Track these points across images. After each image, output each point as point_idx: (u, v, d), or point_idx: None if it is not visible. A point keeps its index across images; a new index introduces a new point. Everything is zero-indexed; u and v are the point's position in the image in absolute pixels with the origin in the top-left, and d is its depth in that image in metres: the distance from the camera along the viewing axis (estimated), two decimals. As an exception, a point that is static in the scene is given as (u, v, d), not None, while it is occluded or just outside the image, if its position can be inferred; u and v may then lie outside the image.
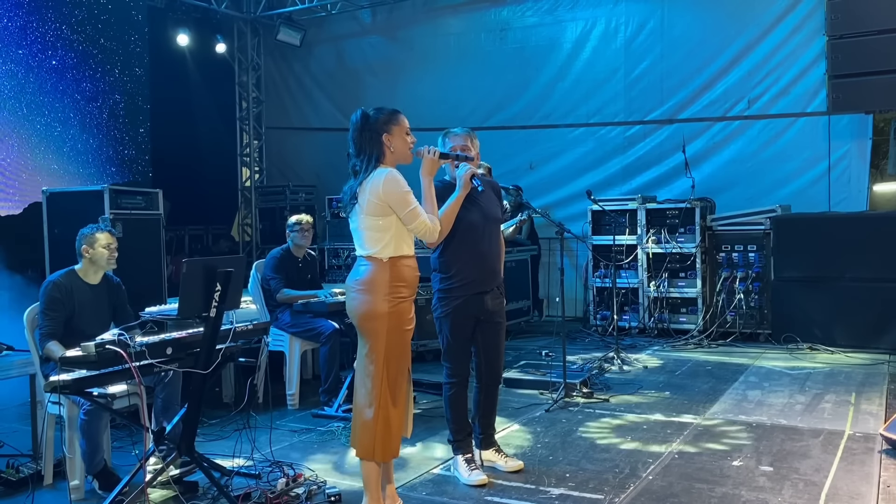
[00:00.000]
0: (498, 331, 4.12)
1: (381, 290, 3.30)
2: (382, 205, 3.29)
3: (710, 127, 8.92)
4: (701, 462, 4.19)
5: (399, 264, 3.34)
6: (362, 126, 3.38)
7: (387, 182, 3.29)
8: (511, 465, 4.15)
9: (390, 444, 3.37)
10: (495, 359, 4.14)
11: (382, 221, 3.31)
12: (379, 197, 3.28)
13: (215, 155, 11.07)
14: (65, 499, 3.67)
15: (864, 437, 4.52)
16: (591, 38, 9.50)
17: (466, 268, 3.96)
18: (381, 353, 3.32)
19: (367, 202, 3.30)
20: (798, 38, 8.43)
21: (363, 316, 3.34)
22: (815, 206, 8.01)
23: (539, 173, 9.69)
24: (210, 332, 3.70)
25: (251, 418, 4.55)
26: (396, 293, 3.32)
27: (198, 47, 10.57)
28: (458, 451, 4.07)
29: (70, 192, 6.69)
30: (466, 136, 4.04)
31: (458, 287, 3.96)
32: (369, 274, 3.32)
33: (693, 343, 7.70)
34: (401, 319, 3.35)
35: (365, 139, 3.37)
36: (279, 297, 5.64)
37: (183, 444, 3.76)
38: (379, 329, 3.31)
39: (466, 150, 3.97)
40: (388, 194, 3.28)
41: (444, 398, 4.09)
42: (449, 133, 4.08)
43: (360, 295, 3.33)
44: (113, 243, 4.23)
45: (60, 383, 3.36)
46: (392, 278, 3.32)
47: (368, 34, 10.97)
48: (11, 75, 7.86)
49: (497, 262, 4.15)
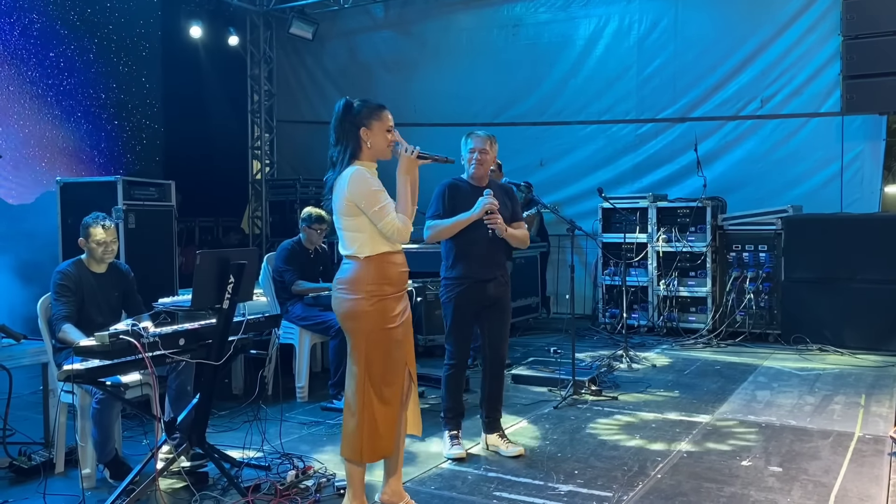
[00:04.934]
0: (502, 317, 4.34)
1: (361, 288, 3.25)
2: (351, 205, 3.23)
3: (722, 126, 8.88)
4: (710, 461, 4.19)
5: (381, 261, 3.28)
6: (343, 116, 3.35)
7: (353, 181, 3.23)
8: (512, 449, 4.31)
9: (379, 444, 3.31)
10: (499, 344, 4.35)
11: (355, 221, 3.26)
12: (346, 197, 3.23)
13: (226, 147, 11.09)
14: (76, 487, 3.70)
15: (873, 440, 4.51)
16: (603, 36, 9.47)
17: (469, 260, 4.20)
18: (363, 351, 3.28)
19: (337, 202, 3.27)
20: (812, 38, 8.38)
21: (344, 315, 3.32)
22: (826, 207, 7.97)
23: (549, 170, 9.67)
24: (223, 323, 3.72)
25: (261, 410, 4.58)
26: (377, 291, 3.27)
27: (210, 40, 10.59)
28: (447, 427, 4.35)
29: (83, 183, 6.71)
30: (486, 140, 4.30)
31: (461, 276, 4.23)
32: (350, 273, 3.29)
33: (702, 342, 7.68)
34: (383, 317, 3.29)
35: (343, 130, 3.34)
36: (294, 288, 5.66)
37: (194, 435, 3.79)
38: (360, 328, 3.28)
39: (484, 152, 4.27)
40: (353, 194, 3.22)
41: (443, 378, 4.35)
42: (472, 135, 4.32)
43: (340, 294, 3.30)
44: (107, 240, 4.17)
45: (74, 372, 3.39)
46: (373, 277, 3.26)
47: (381, 29, 10.96)
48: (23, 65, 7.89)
49: (500, 254, 4.32)
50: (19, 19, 7.82)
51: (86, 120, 8.41)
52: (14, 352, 4.24)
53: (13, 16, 7.75)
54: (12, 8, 7.74)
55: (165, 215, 6.62)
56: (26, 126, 7.86)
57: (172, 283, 6.43)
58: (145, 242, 6.33)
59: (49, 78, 8.10)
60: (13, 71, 7.78)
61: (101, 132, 8.56)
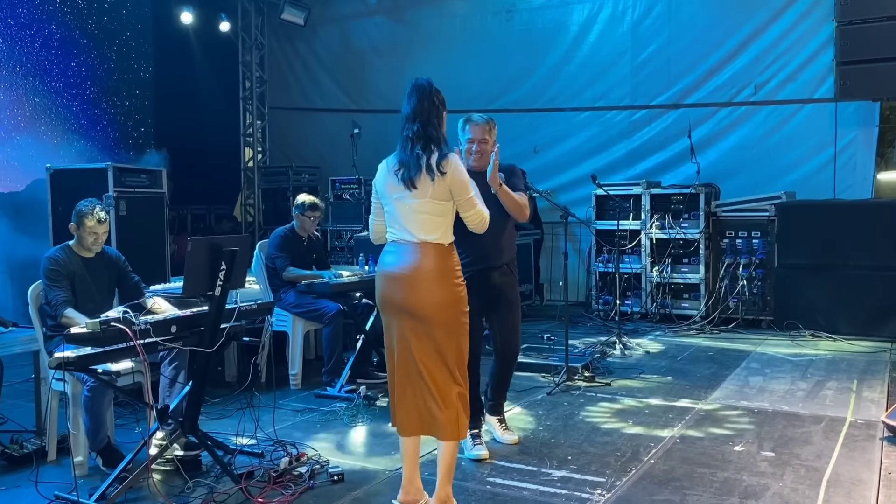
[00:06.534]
0: (510, 307, 4.21)
1: (456, 273, 3.32)
2: (446, 190, 3.25)
3: (716, 112, 8.87)
4: (703, 447, 4.20)
5: (454, 248, 3.36)
6: (431, 95, 3.31)
7: (454, 166, 3.25)
8: (507, 437, 4.29)
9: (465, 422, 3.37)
10: (510, 335, 4.25)
11: (444, 206, 3.27)
12: (446, 180, 3.23)
13: (218, 134, 11.01)
14: (68, 475, 3.68)
15: (865, 424, 4.53)
16: (598, 21, 9.42)
17: (470, 246, 3.98)
18: (465, 335, 3.33)
19: (432, 185, 3.22)
20: (806, 24, 8.36)
21: (447, 302, 3.27)
22: (820, 194, 7.97)
23: (543, 157, 9.64)
24: (215, 311, 3.70)
25: (254, 397, 4.56)
26: (461, 276, 3.34)
27: (202, 26, 10.49)
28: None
29: (74, 170, 6.65)
30: (485, 128, 4.08)
31: (463, 265, 3.98)
32: (442, 260, 3.27)
33: (695, 329, 7.70)
34: (466, 301, 3.36)
35: (434, 110, 3.30)
36: (285, 275, 5.63)
37: (186, 422, 3.77)
38: (462, 312, 3.32)
39: (483, 142, 4.05)
40: (453, 179, 3.25)
41: None
42: (470, 121, 4.10)
43: (436, 281, 3.25)
44: (98, 230, 4.14)
45: (65, 360, 3.36)
46: (457, 262, 3.34)
47: (374, 14, 10.88)
48: (13, 53, 7.81)
49: (502, 238, 4.15)
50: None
51: (76, 106, 8.34)
52: (4, 340, 4.21)
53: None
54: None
55: (157, 202, 6.58)
56: (17, 113, 7.79)
57: (164, 271, 6.41)
58: (136, 230, 6.29)
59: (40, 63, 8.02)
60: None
61: (91, 119, 8.49)
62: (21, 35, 7.92)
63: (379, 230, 3.46)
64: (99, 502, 3.46)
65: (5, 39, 7.74)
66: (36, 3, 8.03)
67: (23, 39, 7.94)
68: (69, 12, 8.27)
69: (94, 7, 8.52)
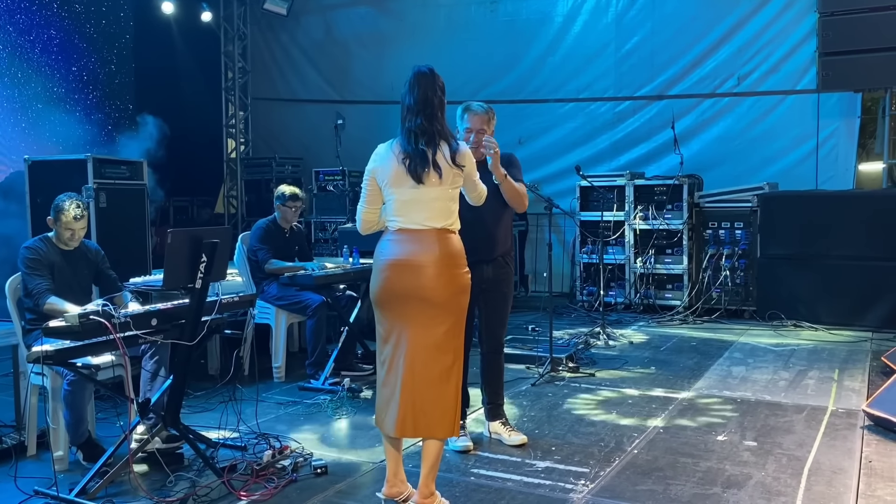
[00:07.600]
0: (501, 299, 4.15)
1: (466, 260, 3.32)
2: (460, 178, 3.29)
3: (699, 104, 8.88)
4: (686, 437, 4.22)
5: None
6: (435, 86, 3.24)
7: (469, 157, 3.32)
8: (515, 438, 4.16)
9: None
10: (496, 326, 4.18)
11: (455, 192, 3.30)
12: (465, 168, 3.28)
13: (200, 125, 10.88)
14: (48, 470, 3.64)
15: (846, 413, 4.57)
16: (582, 12, 9.39)
17: (466, 237, 3.83)
18: (466, 323, 3.36)
19: (445, 175, 3.20)
20: (789, 15, 8.37)
21: (462, 290, 3.27)
22: (802, 184, 8.02)
23: (528, 148, 9.60)
24: (195, 303, 3.67)
25: (237, 391, 4.54)
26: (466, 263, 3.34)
27: (183, 16, 10.35)
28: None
29: (53, 161, 6.55)
30: (484, 118, 3.94)
31: None
32: (459, 246, 3.28)
33: (678, 319, 7.74)
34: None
35: (437, 100, 3.23)
36: (267, 267, 5.60)
37: (168, 416, 3.74)
38: (467, 300, 3.32)
39: (482, 132, 3.90)
40: (469, 171, 3.33)
41: None
42: (469, 110, 3.96)
43: (457, 269, 3.25)
44: (75, 227, 4.09)
45: (43, 354, 3.32)
46: (462, 249, 3.33)
47: (357, 5, 10.79)
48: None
49: (497, 229, 4.09)
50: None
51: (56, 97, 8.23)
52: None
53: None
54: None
55: (137, 194, 6.50)
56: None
57: (145, 264, 6.34)
58: (117, 222, 6.22)
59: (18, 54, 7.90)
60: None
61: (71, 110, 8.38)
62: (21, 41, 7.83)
63: (370, 219, 3.33)
64: (79, 497, 3.43)
65: (5, 46, 7.64)
66: (34, 8, 7.92)
67: (7, 31, 7.83)
68: (51, 2, 8.14)
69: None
